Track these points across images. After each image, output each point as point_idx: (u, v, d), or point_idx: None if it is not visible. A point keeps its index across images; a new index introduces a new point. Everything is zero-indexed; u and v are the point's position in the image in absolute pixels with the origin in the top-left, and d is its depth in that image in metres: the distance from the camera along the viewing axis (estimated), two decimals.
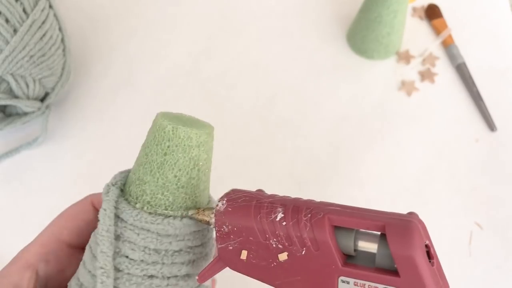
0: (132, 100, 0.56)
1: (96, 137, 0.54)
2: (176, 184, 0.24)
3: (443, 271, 0.21)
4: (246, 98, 0.56)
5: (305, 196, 0.51)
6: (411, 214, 0.21)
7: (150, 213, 0.23)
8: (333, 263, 0.20)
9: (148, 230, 0.23)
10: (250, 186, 0.51)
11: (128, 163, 0.53)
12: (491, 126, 0.53)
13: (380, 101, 0.55)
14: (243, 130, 0.54)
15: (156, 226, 0.23)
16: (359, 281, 0.19)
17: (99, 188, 0.51)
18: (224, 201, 0.22)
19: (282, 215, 0.20)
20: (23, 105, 0.49)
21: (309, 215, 0.20)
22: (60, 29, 0.51)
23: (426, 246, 0.20)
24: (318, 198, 0.53)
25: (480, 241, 0.48)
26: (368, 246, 0.20)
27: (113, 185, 0.25)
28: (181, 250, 0.24)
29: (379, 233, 0.20)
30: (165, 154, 0.24)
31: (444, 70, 0.57)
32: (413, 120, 0.54)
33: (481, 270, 0.47)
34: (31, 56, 0.46)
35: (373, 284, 0.19)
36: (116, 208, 0.24)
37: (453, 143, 0.53)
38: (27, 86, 0.48)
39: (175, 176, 0.24)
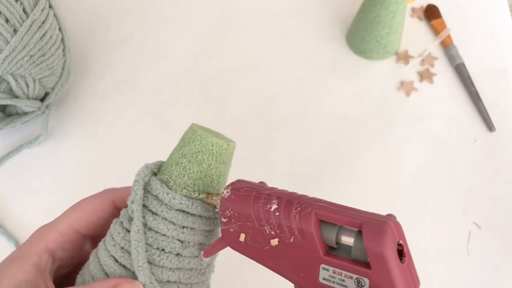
0: (131, 99, 0.57)
1: (96, 137, 0.54)
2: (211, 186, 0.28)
3: (415, 269, 0.23)
4: (246, 98, 0.56)
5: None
6: (389, 216, 0.23)
7: (183, 195, 0.28)
8: (316, 252, 0.23)
9: (177, 209, 0.27)
10: None
11: (127, 162, 0.53)
12: (489, 126, 0.54)
13: (379, 101, 0.56)
14: (243, 130, 0.54)
15: (185, 206, 0.27)
16: (337, 270, 0.22)
17: (99, 188, 0.52)
18: (229, 190, 0.25)
19: (276, 206, 0.23)
20: (23, 105, 0.49)
21: (299, 209, 0.23)
22: (60, 29, 0.51)
23: (400, 245, 0.22)
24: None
25: (479, 241, 0.48)
26: (347, 240, 0.23)
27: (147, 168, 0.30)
28: (198, 229, 0.28)
29: (357, 229, 0.23)
30: (225, 163, 0.28)
31: (443, 70, 0.57)
32: (412, 120, 0.54)
33: (479, 270, 0.47)
34: (31, 56, 0.47)
35: (348, 273, 0.22)
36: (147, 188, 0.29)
37: (452, 143, 0.53)
38: (27, 86, 0.48)
39: (225, 182, 0.29)
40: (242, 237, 0.25)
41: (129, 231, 0.27)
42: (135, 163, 0.53)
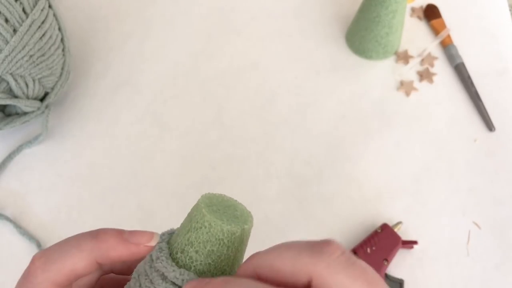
0: (131, 99, 0.57)
1: (96, 137, 0.54)
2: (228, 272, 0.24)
3: None
4: (245, 98, 0.56)
5: (303, 195, 0.51)
6: None
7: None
8: None
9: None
10: (250, 185, 0.51)
11: (127, 162, 0.53)
12: (489, 126, 0.54)
13: (379, 101, 0.56)
14: (243, 130, 0.54)
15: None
16: None
17: (99, 188, 0.52)
18: None
19: None
20: (22, 104, 0.49)
21: None
22: (59, 29, 0.51)
23: None
24: (317, 198, 0.53)
25: (478, 240, 0.48)
26: None
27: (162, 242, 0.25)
28: None
29: None
30: (239, 250, 0.24)
31: (442, 70, 0.57)
32: (411, 120, 0.54)
33: (479, 270, 0.47)
34: (31, 56, 0.47)
35: None
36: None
37: (452, 143, 0.53)
38: (27, 86, 0.48)
39: (238, 266, 0.24)
40: None
41: None
42: (135, 163, 0.53)
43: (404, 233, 0.48)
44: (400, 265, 0.47)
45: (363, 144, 0.53)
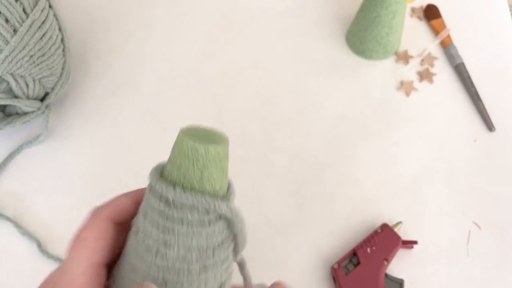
0: (131, 99, 0.57)
1: (96, 137, 0.54)
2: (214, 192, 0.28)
3: None
4: (245, 98, 0.56)
5: (303, 195, 0.51)
6: None
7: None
8: None
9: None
10: (250, 185, 0.51)
11: (127, 162, 0.53)
12: (489, 126, 0.54)
13: (379, 101, 0.56)
14: (243, 130, 0.54)
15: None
16: None
17: (99, 188, 0.52)
18: None
19: None
20: (23, 105, 0.49)
21: None
22: (60, 29, 0.51)
23: None
24: (317, 198, 0.53)
25: (479, 240, 0.48)
26: None
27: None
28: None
29: None
30: (206, 168, 0.27)
31: (442, 70, 0.57)
32: (411, 120, 0.54)
33: (479, 270, 0.47)
34: (31, 56, 0.47)
35: None
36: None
37: (452, 143, 0.53)
38: (27, 86, 0.48)
39: (211, 185, 0.28)
40: None
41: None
42: (135, 163, 0.53)
43: (404, 233, 0.48)
44: (400, 265, 0.47)
45: (363, 144, 0.53)
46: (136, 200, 0.31)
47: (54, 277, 0.28)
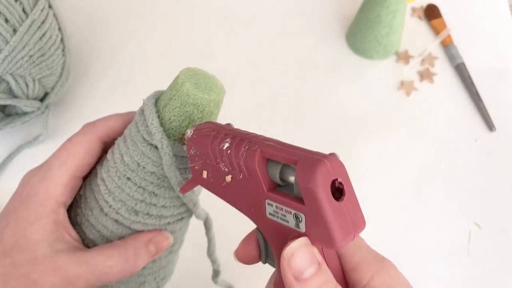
0: (131, 99, 0.56)
1: None
2: (169, 125, 0.30)
3: (358, 210, 0.24)
4: (246, 98, 0.56)
5: None
6: (330, 154, 0.23)
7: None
8: (261, 188, 0.24)
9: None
10: None
11: None
12: (490, 126, 0.54)
13: (379, 101, 0.56)
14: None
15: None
16: (278, 205, 0.23)
17: None
18: (192, 130, 0.28)
19: (228, 144, 0.25)
20: (22, 105, 0.49)
21: (247, 147, 0.24)
22: (59, 29, 0.51)
23: (340, 183, 0.23)
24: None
25: (479, 240, 0.48)
26: (290, 178, 0.24)
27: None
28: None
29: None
30: (170, 99, 0.30)
31: (443, 70, 0.57)
32: (412, 120, 0.54)
33: (479, 270, 0.47)
34: (31, 56, 0.47)
35: (288, 209, 0.23)
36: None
37: (452, 143, 0.53)
38: (27, 86, 0.48)
39: (169, 119, 0.30)
40: (204, 174, 0.27)
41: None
42: None
43: (404, 233, 0.48)
44: (400, 264, 0.47)
45: (363, 143, 0.53)
46: (126, 121, 0.34)
47: (34, 182, 0.32)
